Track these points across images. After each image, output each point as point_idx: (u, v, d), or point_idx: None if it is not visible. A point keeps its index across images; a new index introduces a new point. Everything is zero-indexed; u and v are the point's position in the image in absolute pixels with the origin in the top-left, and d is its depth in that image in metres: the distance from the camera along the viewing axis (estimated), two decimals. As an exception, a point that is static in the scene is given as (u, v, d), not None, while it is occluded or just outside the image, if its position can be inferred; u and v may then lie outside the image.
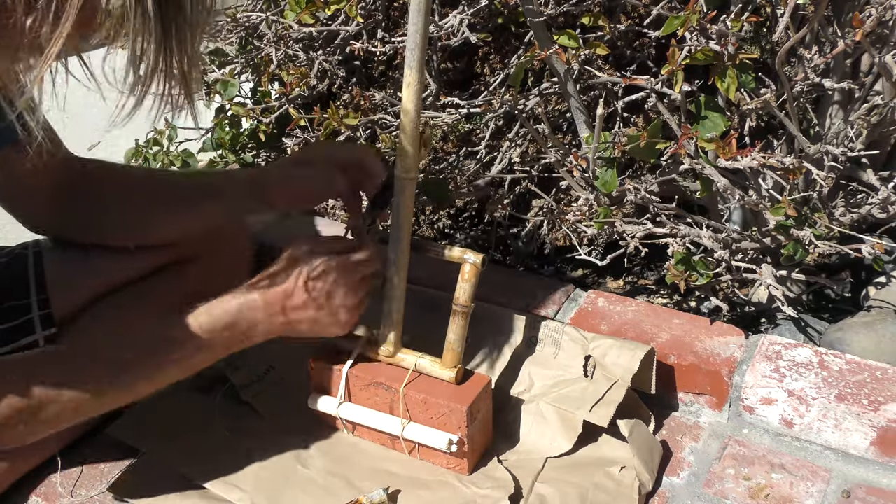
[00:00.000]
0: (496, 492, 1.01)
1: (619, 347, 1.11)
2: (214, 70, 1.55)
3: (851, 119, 1.16)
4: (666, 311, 1.23)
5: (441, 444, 1.02)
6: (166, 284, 1.16)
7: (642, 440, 1.05)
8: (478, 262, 1.03)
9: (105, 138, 2.21)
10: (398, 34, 1.45)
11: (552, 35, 1.20)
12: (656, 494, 1.05)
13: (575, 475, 1.04)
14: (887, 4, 0.98)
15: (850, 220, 1.18)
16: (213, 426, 1.13)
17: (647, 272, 1.46)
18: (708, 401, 1.14)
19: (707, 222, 1.19)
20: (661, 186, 1.25)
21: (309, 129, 1.53)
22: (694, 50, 1.03)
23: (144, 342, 0.96)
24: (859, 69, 1.22)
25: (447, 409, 1.02)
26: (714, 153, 1.10)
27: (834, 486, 1.04)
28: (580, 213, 1.23)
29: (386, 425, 1.06)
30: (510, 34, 1.48)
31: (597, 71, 1.20)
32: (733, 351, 1.14)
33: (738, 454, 1.09)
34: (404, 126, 0.97)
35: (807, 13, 1.07)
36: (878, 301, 1.25)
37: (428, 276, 1.29)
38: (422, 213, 1.56)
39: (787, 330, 1.24)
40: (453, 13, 1.31)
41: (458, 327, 1.03)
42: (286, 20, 1.44)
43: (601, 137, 1.14)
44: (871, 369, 1.08)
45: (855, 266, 1.35)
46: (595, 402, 1.07)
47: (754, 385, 1.10)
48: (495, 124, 1.43)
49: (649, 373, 1.12)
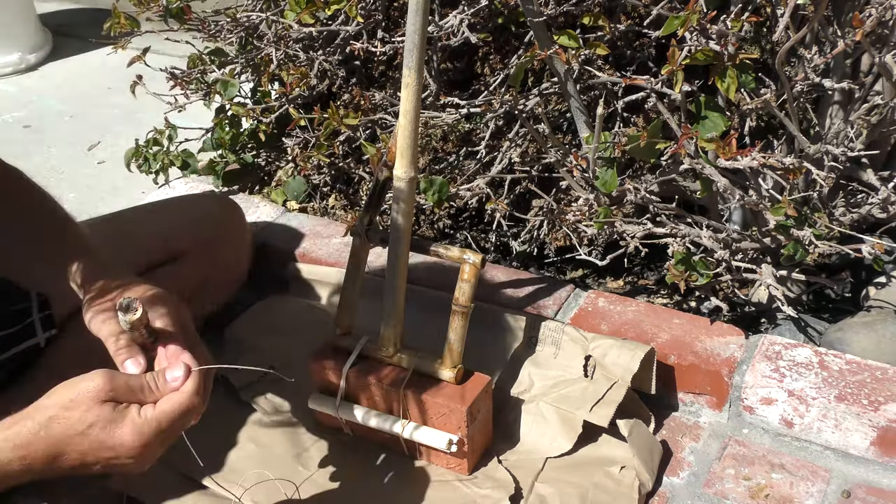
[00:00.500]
0: (496, 492, 1.02)
1: (619, 347, 1.11)
2: (214, 70, 1.55)
3: (851, 119, 1.16)
4: (666, 311, 1.23)
5: (441, 444, 1.02)
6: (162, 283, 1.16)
7: (642, 440, 1.05)
8: (477, 262, 1.03)
9: (105, 138, 2.22)
10: (398, 34, 1.45)
11: (552, 35, 1.20)
12: (656, 494, 1.05)
13: (575, 475, 1.04)
14: (887, 4, 0.98)
15: (850, 220, 1.18)
16: (214, 426, 1.13)
17: (647, 272, 1.46)
18: (708, 401, 1.14)
19: (707, 222, 1.19)
20: (661, 186, 1.25)
21: (309, 129, 1.53)
22: (694, 50, 1.03)
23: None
24: (859, 69, 1.22)
25: (447, 409, 1.02)
26: (714, 153, 1.10)
27: (834, 486, 1.04)
28: (580, 213, 1.23)
29: (386, 425, 1.06)
30: (510, 34, 1.48)
31: (597, 71, 1.20)
32: (733, 351, 1.14)
33: (738, 454, 1.09)
34: (404, 126, 0.97)
35: (807, 13, 1.07)
36: (878, 301, 1.25)
37: (428, 276, 1.29)
38: (422, 213, 1.56)
39: (787, 330, 1.24)
40: (453, 13, 1.31)
41: (458, 327, 1.03)
42: (286, 20, 1.44)
43: (601, 137, 1.14)
44: (871, 369, 1.08)
45: (855, 266, 1.35)
46: (595, 402, 1.08)
47: (754, 385, 1.10)
48: (495, 124, 1.43)
49: (649, 373, 1.12)
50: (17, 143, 2.22)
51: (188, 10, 1.50)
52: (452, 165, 1.52)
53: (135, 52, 1.53)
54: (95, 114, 2.35)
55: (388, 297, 1.04)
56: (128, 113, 2.31)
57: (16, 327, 1.09)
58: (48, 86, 2.56)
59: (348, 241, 1.33)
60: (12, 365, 1.09)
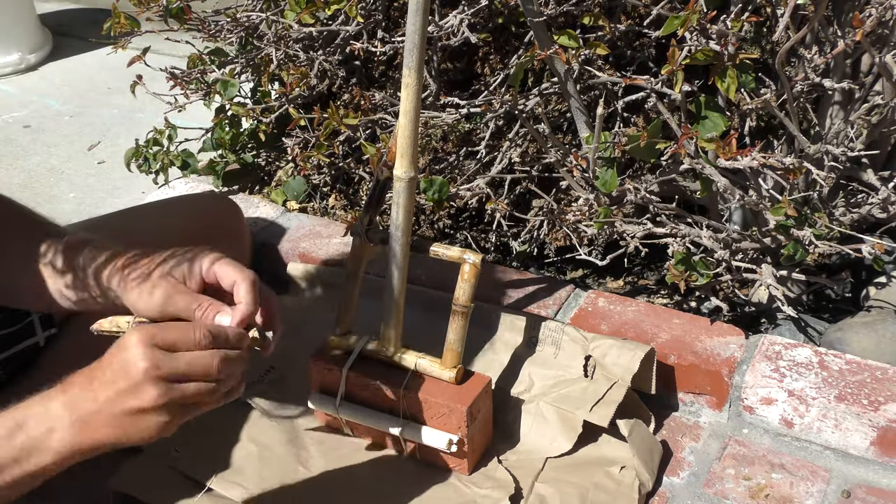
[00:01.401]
0: (496, 492, 1.02)
1: (619, 347, 1.11)
2: (214, 70, 1.55)
3: (851, 119, 1.16)
4: (666, 311, 1.23)
5: (441, 444, 1.02)
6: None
7: (642, 440, 1.05)
8: (477, 262, 1.03)
9: (105, 138, 2.22)
10: (398, 34, 1.45)
11: (552, 35, 1.20)
12: (656, 494, 1.05)
13: (575, 475, 1.04)
14: (887, 4, 0.98)
15: (850, 220, 1.18)
16: (214, 426, 1.13)
17: (647, 272, 1.46)
18: (708, 401, 1.14)
19: (707, 222, 1.19)
20: (661, 186, 1.25)
21: (309, 129, 1.53)
22: (694, 50, 1.03)
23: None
24: (859, 69, 1.22)
25: (447, 409, 1.02)
26: (714, 153, 1.10)
27: (834, 486, 1.04)
28: (580, 213, 1.23)
29: (386, 425, 1.06)
30: (510, 34, 1.48)
31: (597, 71, 1.20)
32: (733, 351, 1.14)
33: (738, 454, 1.09)
34: (404, 126, 0.97)
35: (807, 13, 1.07)
36: (878, 301, 1.25)
37: (428, 276, 1.29)
38: (422, 213, 1.56)
39: (787, 330, 1.24)
40: (453, 13, 1.31)
41: (458, 327, 1.03)
42: (286, 20, 1.44)
43: (601, 137, 1.14)
44: (871, 369, 1.08)
45: (855, 266, 1.35)
46: (595, 402, 1.08)
47: (754, 385, 1.10)
48: (495, 124, 1.43)
49: (649, 373, 1.12)
50: (17, 143, 2.22)
51: (188, 10, 1.49)
52: (452, 165, 1.52)
53: (135, 52, 1.53)
54: (95, 114, 2.35)
55: (388, 297, 1.04)
56: (128, 113, 2.31)
57: (15, 326, 1.09)
58: (48, 86, 2.56)
59: (348, 241, 1.33)
60: (11, 364, 1.09)
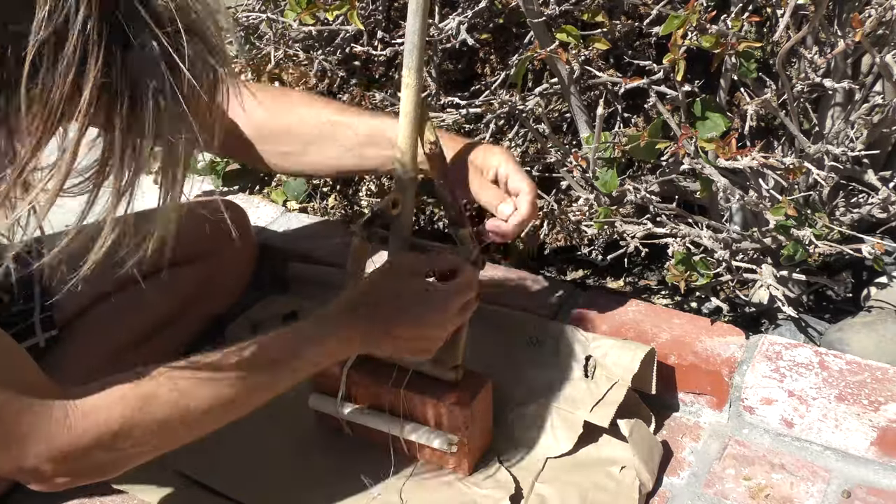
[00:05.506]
0: (496, 492, 1.02)
1: (619, 347, 1.11)
2: (215, 70, 1.55)
3: (852, 119, 1.16)
4: (666, 311, 1.23)
5: (441, 444, 1.02)
6: (166, 288, 1.16)
7: (642, 440, 1.05)
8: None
9: (105, 138, 2.22)
10: (398, 35, 1.45)
11: (552, 35, 1.20)
12: (656, 494, 1.05)
13: (575, 475, 1.04)
14: (887, 5, 0.99)
15: (850, 220, 1.18)
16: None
17: (648, 272, 1.46)
18: (708, 401, 1.14)
19: (707, 222, 1.19)
20: (661, 186, 1.25)
21: (309, 129, 1.52)
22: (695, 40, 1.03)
23: (280, 349, 0.93)
24: (859, 69, 1.22)
25: (447, 409, 1.02)
26: (714, 153, 1.10)
27: (834, 486, 1.04)
28: (580, 213, 1.23)
29: (386, 425, 1.06)
30: (510, 34, 1.48)
31: (597, 71, 1.20)
32: (734, 351, 1.14)
33: (738, 454, 1.09)
34: (404, 126, 0.97)
35: (807, 13, 1.07)
36: (878, 301, 1.25)
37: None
38: (422, 213, 1.56)
39: (787, 330, 1.24)
40: (452, 16, 1.31)
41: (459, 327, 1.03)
42: (286, 20, 1.44)
43: (601, 137, 1.14)
44: (872, 369, 1.08)
45: (855, 266, 1.35)
46: (595, 403, 1.07)
47: (754, 385, 1.10)
48: (495, 124, 1.43)
49: (650, 373, 1.12)
50: (18, 143, 2.22)
51: (188, 10, 1.49)
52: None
53: (135, 52, 1.52)
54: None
55: (389, 297, 1.04)
56: (128, 113, 2.31)
57: (16, 328, 1.09)
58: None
59: (348, 241, 1.33)
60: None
